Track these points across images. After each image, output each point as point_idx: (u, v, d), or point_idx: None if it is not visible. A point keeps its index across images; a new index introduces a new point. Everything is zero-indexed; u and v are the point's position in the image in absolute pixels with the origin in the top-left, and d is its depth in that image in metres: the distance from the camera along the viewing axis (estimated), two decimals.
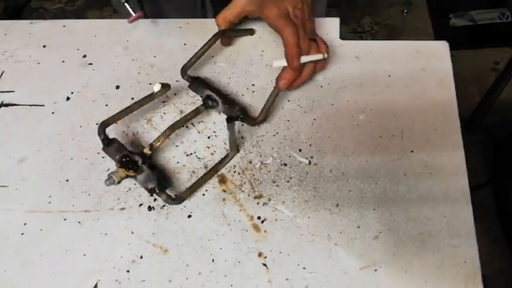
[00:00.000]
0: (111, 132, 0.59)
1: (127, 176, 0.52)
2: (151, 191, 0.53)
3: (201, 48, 0.61)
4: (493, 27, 1.72)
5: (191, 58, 0.61)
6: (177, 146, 0.59)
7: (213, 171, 0.56)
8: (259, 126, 0.59)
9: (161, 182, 0.53)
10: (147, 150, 0.54)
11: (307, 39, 0.59)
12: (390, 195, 0.54)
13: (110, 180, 0.52)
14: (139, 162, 0.53)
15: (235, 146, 0.56)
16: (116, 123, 0.57)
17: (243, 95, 0.62)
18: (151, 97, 0.57)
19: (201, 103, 0.60)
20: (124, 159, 0.52)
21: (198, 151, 0.58)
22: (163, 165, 0.57)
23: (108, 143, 0.54)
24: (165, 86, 0.56)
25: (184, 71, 0.62)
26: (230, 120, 0.52)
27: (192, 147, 0.58)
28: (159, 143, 0.54)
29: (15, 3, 1.82)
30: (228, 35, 0.65)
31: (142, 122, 0.60)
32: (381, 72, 0.63)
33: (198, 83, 0.61)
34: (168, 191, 0.53)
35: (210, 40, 0.61)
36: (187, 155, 0.58)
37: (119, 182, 0.52)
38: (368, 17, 1.91)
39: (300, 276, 0.50)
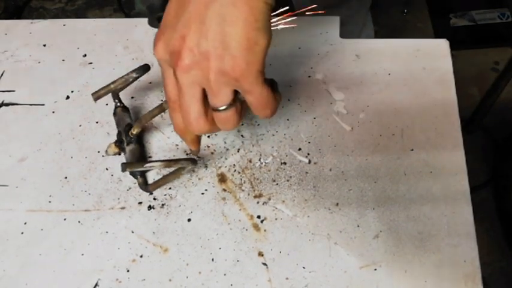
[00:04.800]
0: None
1: (119, 153, 0.56)
2: (131, 174, 0.54)
3: None
4: (493, 27, 1.72)
5: None
6: (176, 145, 0.59)
7: (175, 173, 0.54)
8: (258, 125, 0.59)
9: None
10: (133, 131, 0.54)
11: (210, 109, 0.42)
12: (390, 195, 0.54)
13: (106, 152, 0.56)
14: (124, 143, 0.55)
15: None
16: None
17: None
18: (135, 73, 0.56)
19: None
20: (118, 136, 0.55)
21: None
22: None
23: (116, 111, 0.56)
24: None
25: None
26: None
27: None
28: (136, 130, 0.54)
29: (15, 2, 1.82)
30: None
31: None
32: (381, 71, 0.63)
33: None
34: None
35: None
36: (186, 154, 0.58)
37: (115, 154, 0.55)
38: None
39: (299, 276, 0.50)
